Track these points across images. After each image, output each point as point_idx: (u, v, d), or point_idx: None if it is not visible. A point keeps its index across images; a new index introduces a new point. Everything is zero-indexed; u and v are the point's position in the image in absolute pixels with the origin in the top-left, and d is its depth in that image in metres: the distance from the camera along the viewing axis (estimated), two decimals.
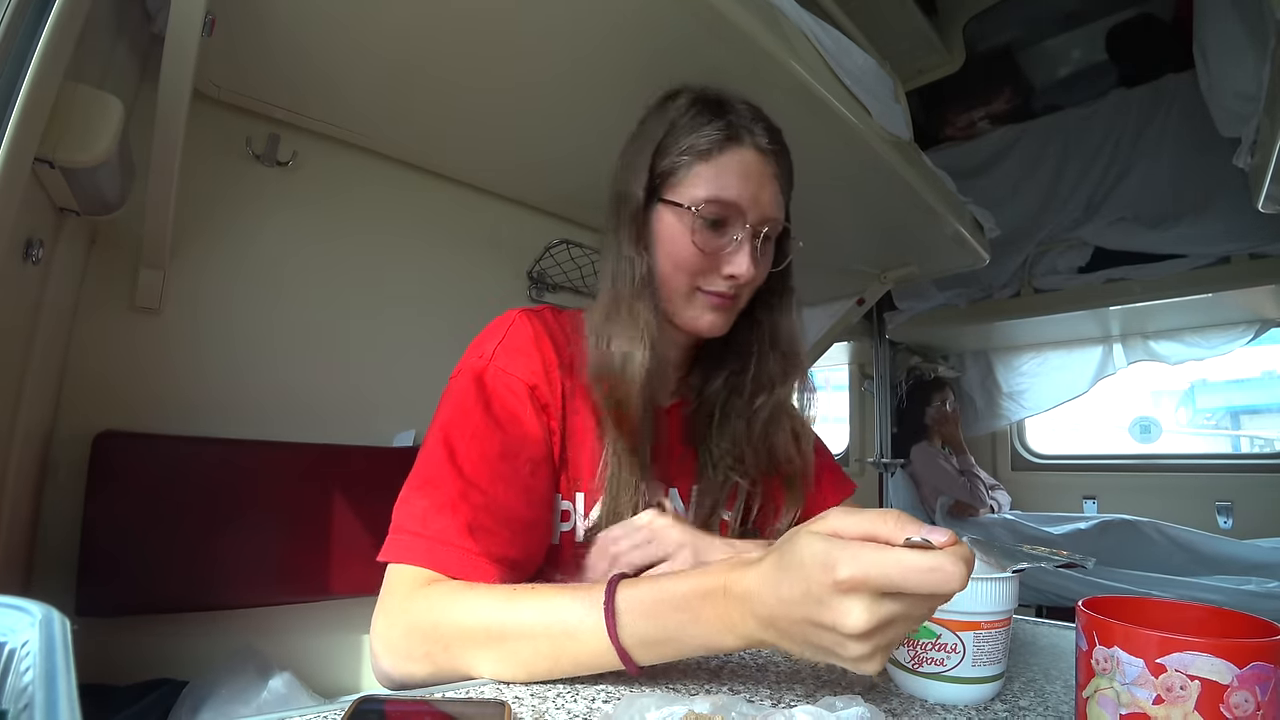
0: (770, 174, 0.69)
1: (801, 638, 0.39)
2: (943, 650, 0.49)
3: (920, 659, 0.49)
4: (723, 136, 0.68)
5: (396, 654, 0.52)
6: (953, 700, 0.49)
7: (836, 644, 0.38)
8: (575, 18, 0.90)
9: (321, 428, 1.20)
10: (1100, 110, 2.25)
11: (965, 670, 0.48)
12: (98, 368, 0.99)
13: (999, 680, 0.50)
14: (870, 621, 0.36)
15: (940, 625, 0.49)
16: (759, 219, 0.69)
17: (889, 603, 0.36)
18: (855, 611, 0.36)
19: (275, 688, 0.95)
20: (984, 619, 0.48)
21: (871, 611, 0.36)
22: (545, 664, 0.48)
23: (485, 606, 0.50)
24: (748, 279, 0.68)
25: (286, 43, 0.98)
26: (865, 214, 1.53)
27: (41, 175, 0.72)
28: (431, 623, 0.51)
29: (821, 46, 1.05)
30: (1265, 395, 2.80)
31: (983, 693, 0.49)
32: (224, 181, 1.14)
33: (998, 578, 0.49)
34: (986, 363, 2.92)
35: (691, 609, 0.44)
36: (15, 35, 0.55)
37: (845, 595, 0.36)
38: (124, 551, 0.95)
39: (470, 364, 0.66)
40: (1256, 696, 0.31)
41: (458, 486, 0.57)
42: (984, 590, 0.48)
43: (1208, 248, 2.01)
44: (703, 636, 0.44)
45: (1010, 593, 0.50)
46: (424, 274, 1.40)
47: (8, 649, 0.26)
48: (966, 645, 0.48)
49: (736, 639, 0.43)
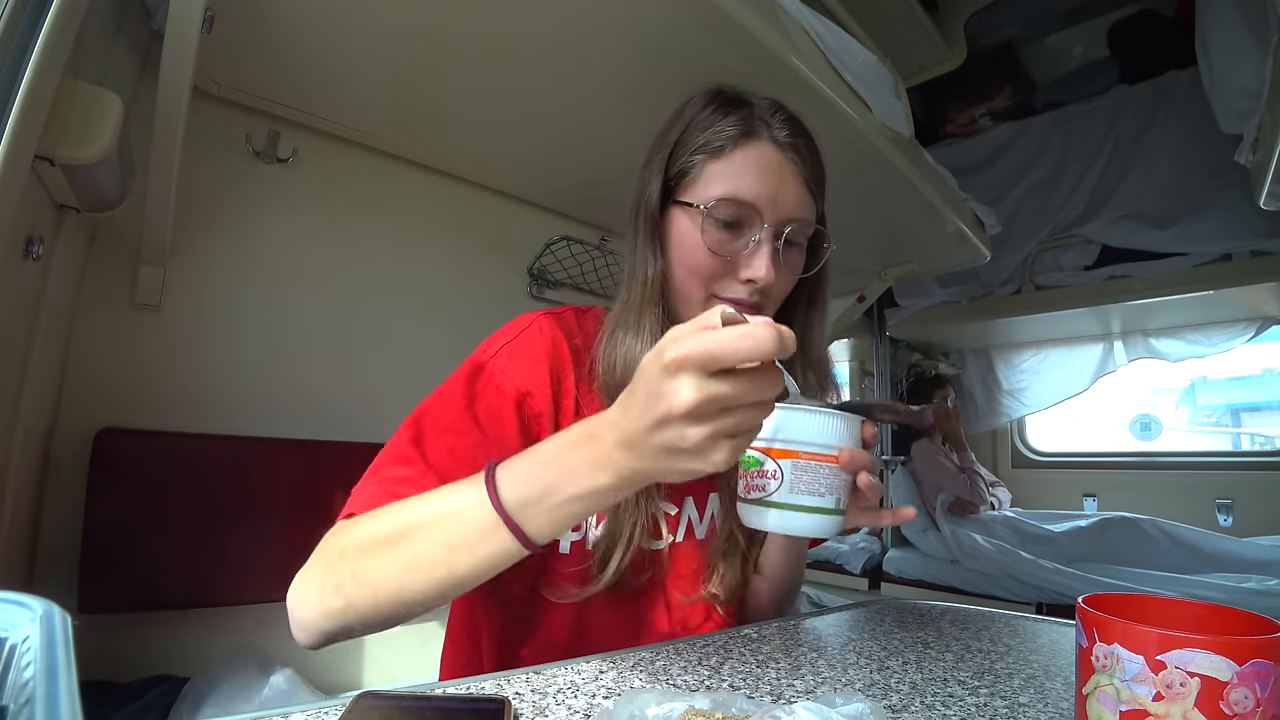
0: (793, 170, 0.64)
1: (653, 447, 0.40)
2: (765, 477, 0.52)
3: (749, 486, 0.53)
4: (738, 132, 0.64)
5: (308, 600, 0.51)
6: (776, 527, 0.52)
7: (678, 437, 0.39)
8: (575, 15, 0.90)
9: (322, 424, 1.20)
10: (1101, 107, 2.25)
11: (784, 496, 0.51)
12: (98, 364, 1.00)
13: (824, 515, 0.52)
14: (698, 396, 0.37)
15: (762, 453, 0.52)
16: (779, 219, 0.63)
17: (717, 382, 0.38)
18: (684, 388, 0.38)
19: (276, 684, 0.96)
20: (801, 449, 0.51)
21: (699, 388, 0.37)
22: (442, 557, 0.47)
23: (379, 518, 0.51)
24: (767, 283, 0.63)
25: (286, 39, 0.97)
26: (866, 211, 1.53)
27: (41, 172, 0.72)
28: (339, 551, 0.51)
29: (822, 42, 1.05)
30: (1266, 393, 2.80)
31: (803, 522, 0.52)
32: (224, 178, 1.14)
33: (819, 410, 0.52)
34: (987, 360, 2.92)
35: (563, 460, 0.45)
36: (14, 32, 0.55)
37: (674, 376, 0.38)
38: (125, 548, 0.95)
39: (474, 356, 0.65)
40: (1256, 693, 0.31)
41: (420, 469, 0.57)
42: (804, 420, 0.52)
43: (1209, 245, 2.01)
44: (578, 483, 0.44)
45: (833, 428, 0.52)
46: (424, 270, 1.40)
47: (9, 644, 0.26)
48: (785, 472, 0.51)
49: (609, 475, 0.43)
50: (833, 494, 0.52)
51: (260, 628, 1.08)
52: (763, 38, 0.93)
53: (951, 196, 1.56)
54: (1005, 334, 2.77)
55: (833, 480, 0.52)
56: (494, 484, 0.46)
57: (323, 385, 1.23)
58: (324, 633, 0.51)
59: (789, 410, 0.52)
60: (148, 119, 0.86)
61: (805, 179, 0.65)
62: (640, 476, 0.43)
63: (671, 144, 0.67)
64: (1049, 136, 2.36)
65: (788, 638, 0.63)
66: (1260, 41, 1.27)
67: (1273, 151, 1.17)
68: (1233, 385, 2.89)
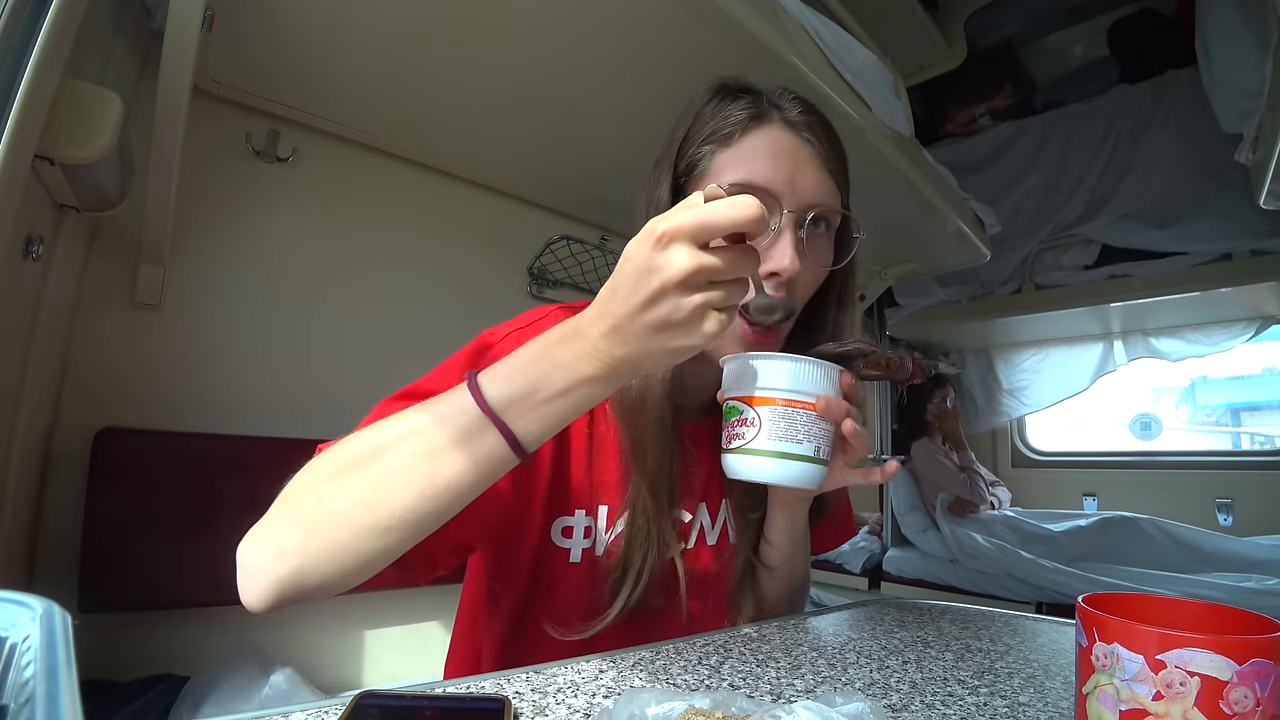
0: (810, 153, 0.59)
1: (642, 327, 0.41)
2: (744, 425, 0.53)
3: (730, 436, 0.54)
4: (747, 116, 0.60)
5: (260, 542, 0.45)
6: (756, 475, 0.53)
7: (671, 309, 0.40)
8: (573, 14, 0.90)
9: (322, 423, 1.19)
10: (1102, 106, 2.25)
11: (762, 444, 0.52)
12: (98, 364, 1.00)
13: (804, 463, 0.53)
14: (692, 263, 0.39)
15: (742, 402, 0.53)
16: (800, 204, 0.58)
17: (706, 253, 0.39)
18: (678, 257, 0.39)
19: (276, 683, 0.96)
20: (779, 395, 0.52)
21: (692, 256, 0.39)
22: (423, 467, 0.43)
23: (351, 441, 0.47)
24: (791, 274, 0.56)
25: (286, 38, 0.97)
26: (866, 210, 1.51)
27: (41, 172, 0.72)
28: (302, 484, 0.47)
29: (822, 42, 1.05)
30: (1266, 392, 2.80)
31: (784, 470, 0.52)
32: (224, 178, 1.14)
33: (794, 357, 0.53)
34: (987, 359, 2.92)
35: (549, 356, 0.44)
36: (14, 32, 0.55)
37: (666, 248, 0.39)
38: (125, 547, 0.95)
39: (482, 338, 0.63)
40: (1256, 693, 0.31)
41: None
42: (779, 367, 0.53)
43: (1209, 244, 2.01)
44: (565, 376, 0.43)
45: (809, 375, 0.53)
46: (424, 270, 1.40)
47: (9, 644, 0.26)
48: (762, 419, 0.52)
49: (596, 365, 0.43)
50: (811, 441, 0.53)
51: (260, 627, 1.08)
52: (763, 37, 0.93)
53: (951, 196, 1.56)
54: (1005, 333, 2.77)
55: (810, 428, 0.53)
56: (477, 386, 0.44)
57: (323, 384, 1.23)
58: (276, 580, 0.44)
59: (766, 358, 0.53)
60: (148, 118, 0.86)
61: (825, 162, 0.60)
62: (627, 365, 0.43)
63: (680, 139, 0.64)
64: (1049, 136, 2.36)
65: (788, 637, 0.63)
66: (1260, 41, 1.27)
67: (1273, 150, 1.17)
68: (1233, 385, 2.89)
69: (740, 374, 0.55)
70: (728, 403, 0.55)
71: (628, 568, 0.61)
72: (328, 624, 1.18)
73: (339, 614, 1.17)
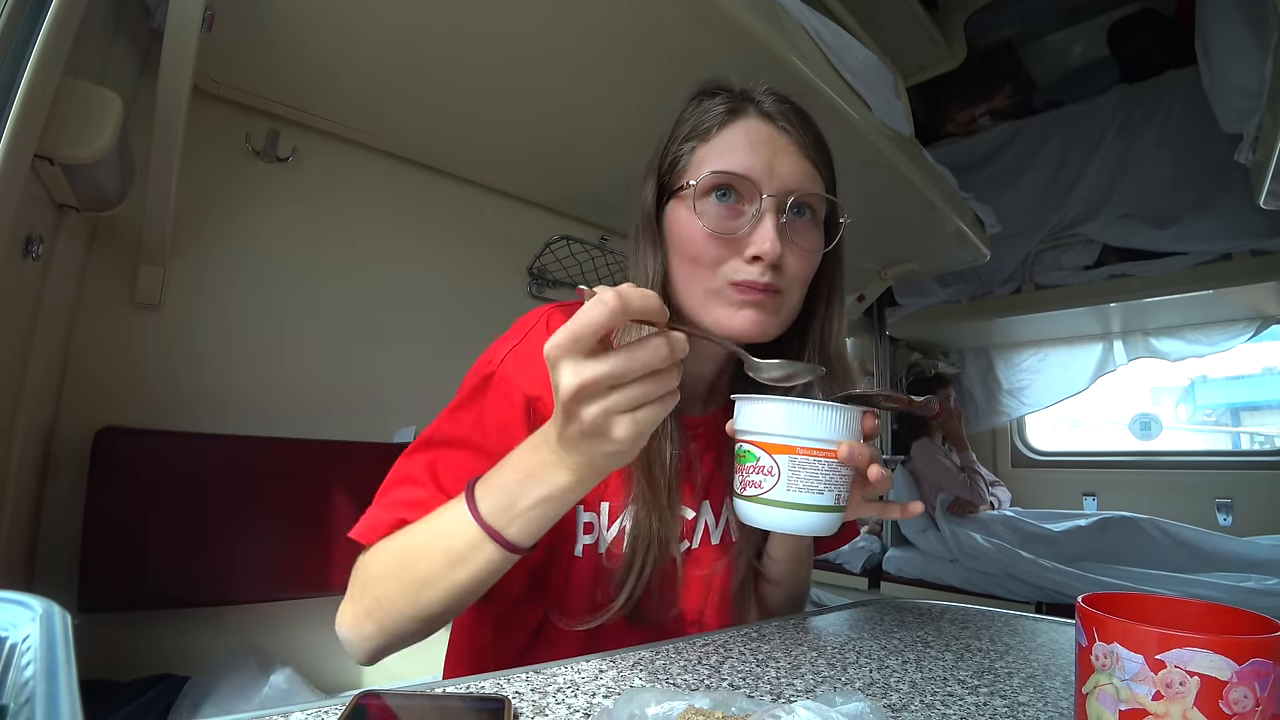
0: (787, 140, 0.60)
1: (571, 438, 0.43)
2: (761, 473, 0.50)
3: (744, 483, 0.52)
4: (724, 111, 0.61)
5: (347, 626, 0.55)
6: (772, 525, 0.51)
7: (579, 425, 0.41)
8: (573, 13, 0.90)
9: (322, 423, 1.20)
10: (1101, 106, 2.25)
11: (781, 494, 0.50)
12: (98, 364, 1.00)
13: (822, 513, 0.50)
14: (576, 379, 0.39)
15: (758, 448, 0.51)
16: (779, 189, 0.58)
17: (592, 362, 0.39)
18: (563, 375, 0.40)
19: (276, 683, 0.96)
20: (799, 443, 0.49)
21: (574, 371, 0.39)
22: (444, 573, 0.50)
23: (388, 545, 0.55)
24: (773, 256, 0.57)
25: (286, 38, 0.97)
26: (866, 210, 1.53)
27: (41, 172, 0.72)
28: (361, 584, 0.55)
29: (822, 42, 1.05)
30: (1265, 392, 2.80)
31: (801, 520, 0.50)
32: (224, 177, 1.14)
33: (816, 403, 0.50)
34: (987, 359, 2.92)
35: (523, 466, 0.47)
36: (14, 31, 0.55)
37: (554, 367, 0.40)
38: (125, 547, 0.95)
39: (482, 364, 0.63)
40: (1255, 692, 0.31)
41: (430, 490, 0.57)
42: (800, 413, 0.49)
43: (1209, 244, 2.01)
44: (540, 485, 0.47)
45: (831, 421, 0.50)
46: (424, 270, 1.40)
47: (9, 644, 0.26)
48: (781, 468, 0.50)
49: (564, 474, 0.46)
50: (831, 490, 0.50)
51: (260, 627, 1.09)
52: (763, 37, 0.93)
53: (951, 196, 1.56)
54: (1005, 333, 2.77)
55: (832, 476, 0.50)
56: (473, 499, 0.49)
57: (322, 384, 1.23)
58: (369, 653, 0.55)
59: (787, 403, 0.50)
60: (148, 118, 0.86)
61: (803, 148, 0.61)
62: (589, 469, 0.45)
63: (664, 141, 0.65)
64: (1049, 136, 2.36)
65: (788, 637, 0.63)
66: (1260, 40, 1.27)
67: (1273, 150, 1.17)
68: (1232, 385, 2.89)
69: (755, 416, 0.51)
70: (741, 445, 0.52)
71: (630, 565, 0.62)
72: (328, 624, 1.16)
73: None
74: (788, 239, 0.59)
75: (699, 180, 0.59)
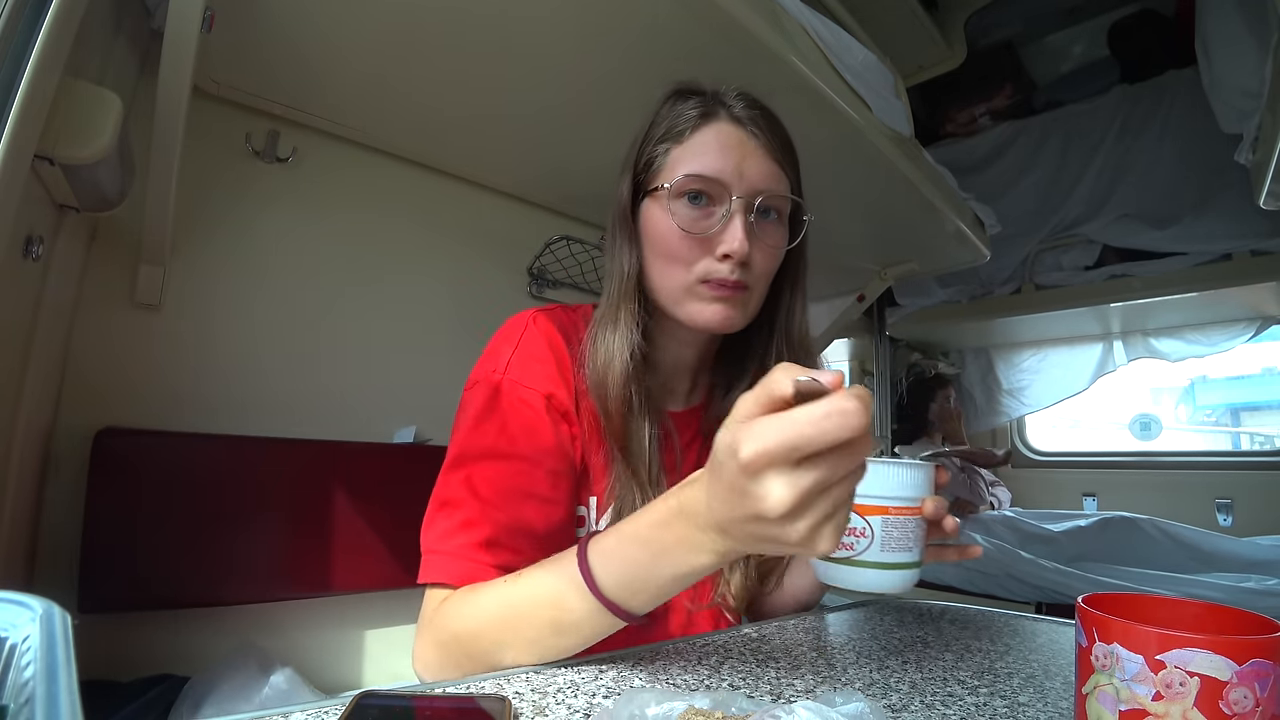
0: (756, 144, 0.64)
1: (749, 536, 0.39)
2: (852, 535, 0.50)
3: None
4: (697, 114, 0.65)
5: (435, 673, 0.54)
6: (864, 586, 0.51)
7: (776, 532, 0.36)
8: (572, 13, 0.90)
9: (322, 424, 1.20)
10: (1102, 106, 2.24)
11: (874, 555, 0.50)
12: (98, 364, 1.00)
13: (911, 570, 0.52)
14: (792, 496, 0.34)
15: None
16: (748, 190, 0.62)
17: (806, 470, 0.34)
18: (774, 491, 0.35)
19: (276, 683, 0.96)
20: (892, 504, 0.50)
21: (790, 485, 0.34)
22: (551, 639, 0.49)
23: (487, 604, 0.53)
24: (742, 254, 0.61)
25: (286, 38, 0.97)
26: (865, 210, 1.53)
27: (41, 172, 0.72)
28: (452, 634, 0.53)
29: (822, 42, 1.05)
30: (1265, 392, 2.80)
31: (893, 580, 0.51)
32: (224, 178, 1.14)
33: (906, 463, 0.51)
34: (987, 359, 2.92)
35: (656, 541, 0.45)
36: (14, 31, 0.55)
37: (757, 477, 0.35)
38: (125, 547, 0.95)
39: (485, 375, 0.64)
40: (1255, 693, 0.31)
41: (475, 507, 0.58)
42: (891, 474, 0.50)
43: (1209, 245, 2.01)
44: (675, 564, 0.44)
45: (920, 481, 0.51)
46: (424, 270, 1.40)
47: (9, 644, 0.26)
48: (875, 530, 0.49)
49: (708, 555, 0.43)
50: (918, 546, 0.52)
51: (260, 627, 1.09)
52: (762, 37, 0.93)
53: (951, 196, 1.56)
54: (1005, 333, 2.77)
55: (918, 533, 0.52)
56: (589, 570, 0.47)
57: (323, 385, 1.23)
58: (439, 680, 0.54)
59: (879, 465, 0.50)
60: (148, 118, 0.86)
61: (770, 151, 0.65)
62: (736, 552, 0.43)
63: (639, 140, 0.68)
64: (1049, 136, 2.36)
65: (788, 637, 0.63)
66: (1260, 41, 1.27)
67: (1273, 151, 1.17)
68: (1232, 385, 2.90)
69: None
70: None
71: None
72: (328, 624, 1.18)
73: (339, 614, 1.17)
74: (755, 237, 0.63)
75: (673, 183, 0.63)
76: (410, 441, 1.30)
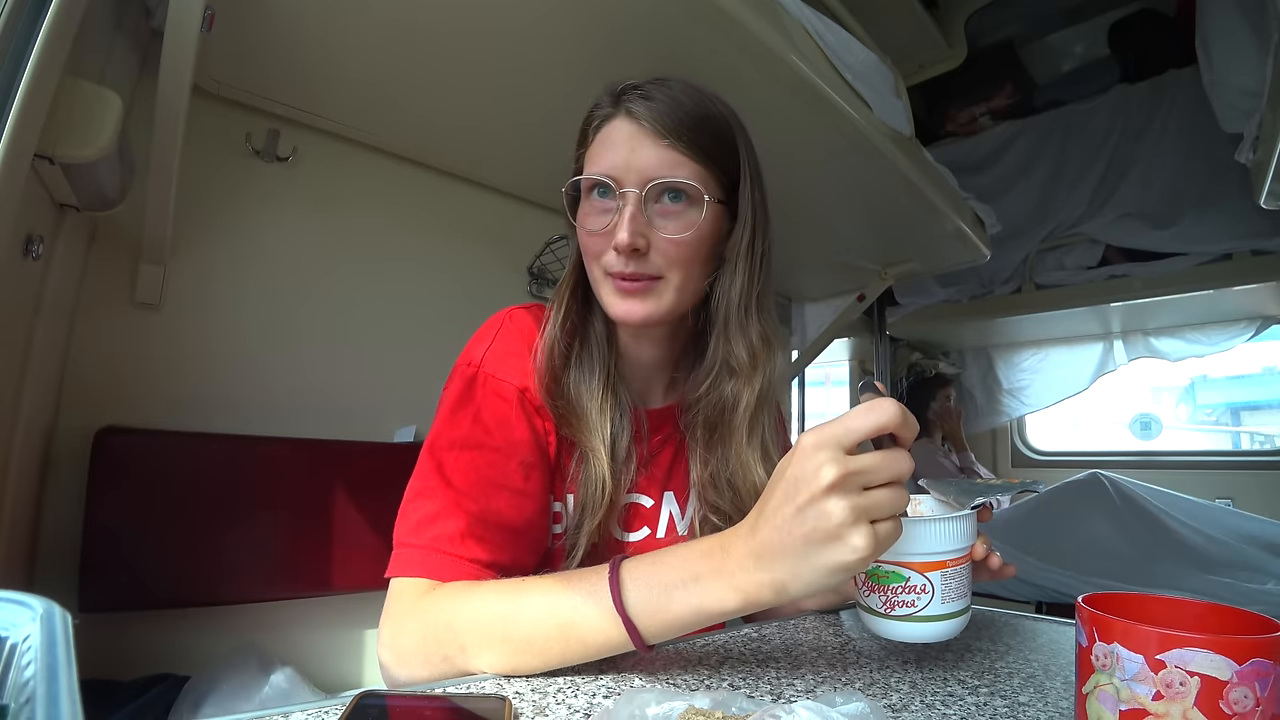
0: (648, 133, 0.62)
1: (790, 540, 0.42)
2: (913, 592, 0.51)
3: (892, 603, 0.52)
4: (600, 118, 0.66)
5: (409, 662, 0.52)
6: (926, 638, 0.52)
7: (819, 517, 0.41)
8: (573, 14, 0.90)
9: (322, 423, 1.20)
10: (1102, 106, 2.25)
11: (935, 609, 0.51)
12: (98, 363, 1.00)
13: (966, 614, 0.53)
14: (839, 470, 0.40)
15: (908, 569, 0.51)
16: (638, 181, 0.62)
17: (853, 458, 0.41)
18: (826, 465, 0.41)
19: (276, 683, 0.96)
20: (949, 557, 0.51)
21: (839, 462, 0.41)
22: (556, 649, 0.48)
23: (495, 601, 0.51)
24: (625, 245, 0.60)
25: (286, 38, 0.97)
26: (866, 210, 1.53)
27: (41, 171, 0.72)
28: (444, 624, 0.51)
29: (822, 41, 1.05)
30: (1266, 391, 2.80)
31: (952, 627, 0.52)
32: (224, 177, 1.14)
33: (959, 517, 0.52)
34: (987, 359, 2.92)
35: (692, 569, 0.46)
36: (14, 31, 0.55)
37: (812, 455, 0.41)
38: (125, 547, 0.95)
39: (460, 370, 0.65)
40: (1256, 692, 0.31)
41: (449, 497, 0.58)
42: (947, 530, 0.51)
43: (1209, 244, 2.01)
44: (702, 596, 0.45)
45: (970, 530, 0.53)
46: (424, 269, 1.40)
47: (9, 644, 0.26)
48: (935, 585, 0.51)
49: (735, 593, 0.44)
50: (970, 589, 0.53)
51: (261, 626, 1.09)
52: (763, 37, 0.93)
53: (952, 195, 1.56)
54: (1005, 333, 2.77)
55: (969, 577, 0.53)
56: (618, 583, 0.47)
57: (322, 384, 1.23)
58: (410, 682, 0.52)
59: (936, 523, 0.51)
60: (148, 117, 0.86)
61: (663, 136, 0.62)
62: (769, 590, 0.43)
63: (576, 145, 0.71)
64: (1049, 136, 2.36)
65: (788, 637, 0.63)
66: (1260, 40, 1.27)
67: (1273, 150, 1.17)
68: (1233, 384, 2.90)
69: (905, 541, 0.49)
70: (884, 567, 0.52)
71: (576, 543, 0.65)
72: (328, 624, 1.18)
73: (339, 614, 1.17)
74: (655, 226, 0.63)
75: (580, 185, 0.66)
76: (410, 441, 1.30)
